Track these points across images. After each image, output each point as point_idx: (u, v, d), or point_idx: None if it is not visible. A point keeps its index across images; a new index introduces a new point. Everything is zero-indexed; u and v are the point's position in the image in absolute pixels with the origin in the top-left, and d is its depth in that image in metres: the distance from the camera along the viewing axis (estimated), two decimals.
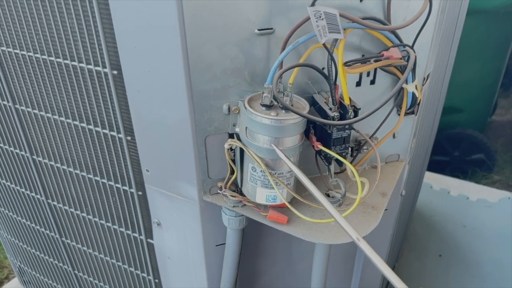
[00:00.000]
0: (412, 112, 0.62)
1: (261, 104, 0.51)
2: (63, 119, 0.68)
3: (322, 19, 0.42)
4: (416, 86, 0.57)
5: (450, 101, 1.49)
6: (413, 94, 0.58)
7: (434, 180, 1.76)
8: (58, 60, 0.62)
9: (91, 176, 0.73)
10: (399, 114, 0.61)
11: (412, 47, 0.52)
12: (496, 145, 2.14)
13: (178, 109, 0.55)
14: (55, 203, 0.84)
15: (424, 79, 0.63)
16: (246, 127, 0.53)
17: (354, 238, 0.34)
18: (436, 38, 0.60)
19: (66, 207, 0.82)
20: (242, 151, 0.55)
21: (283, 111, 0.51)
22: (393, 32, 0.51)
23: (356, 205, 0.49)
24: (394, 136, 0.65)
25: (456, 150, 1.96)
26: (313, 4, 0.43)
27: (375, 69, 0.57)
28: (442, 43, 0.73)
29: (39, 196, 0.85)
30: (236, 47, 0.51)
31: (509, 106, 2.55)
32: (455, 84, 1.40)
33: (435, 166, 1.77)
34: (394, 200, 0.73)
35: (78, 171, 0.74)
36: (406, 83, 0.57)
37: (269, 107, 0.51)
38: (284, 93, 0.51)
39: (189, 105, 0.54)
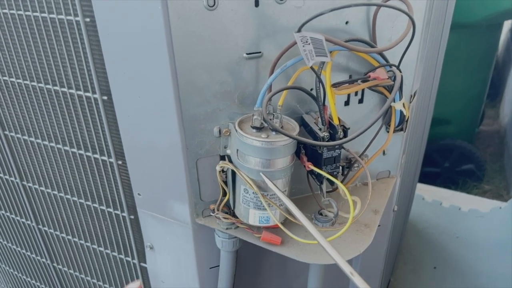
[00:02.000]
0: (401, 129, 0.63)
1: (251, 127, 0.52)
2: (53, 144, 0.68)
3: (309, 44, 0.43)
4: (403, 104, 0.58)
5: (439, 113, 1.52)
6: (401, 112, 0.58)
7: (426, 192, 1.77)
8: (47, 86, 0.62)
9: (82, 201, 0.72)
10: (388, 132, 0.62)
11: (398, 67, 0.53)
12: (485, 155, 2.17)
13: (169, 133, 0.55)
14: (46, 228, 0.82)
15: (411, 96, 0.64)
16: (238, 150, 0.53)
17: (348, 272, 0.34)
18: (421, 56, 0.61)
19: (57, 233, 0.81)
20: (234, 173, 0.55)
21: (274, 133, 0.51)
22: (379, 53, 0.52)
23: (348, 225, 0.49)
24: (384, 153, 0.66)
25: (446, 161, 1.98)
26: (299, 30, 0.44)
27: (363, 89, 0.58)
28: (428, 58, 0.74)
29: (29, 222, 0.84)
30: (226, 71, 0.52)
31: (496, 115, 2.59)
32: (442, 96, 1.43)
33: (426, 177, 1.78)
34: (387, 216, 0.73)
35: (69, 196, 0.73)
36: (394, 102, 0.57)
37: (259, 129, 0.51)
38: (274, 115, 0.52)
39: (180, 129, 0.54)
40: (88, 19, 0.53)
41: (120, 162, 0.63)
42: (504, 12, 1.71)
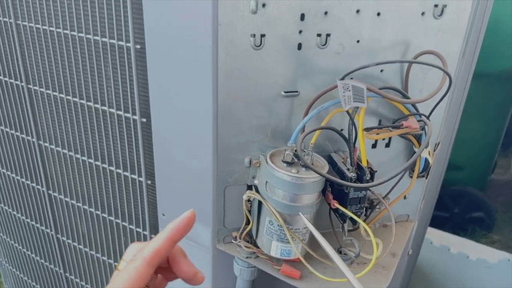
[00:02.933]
0: (423, 176, 0.65)
1: (282, 161, 0.54)
2: (85, 158, 0.71)
3: (349, 91, 0.45)
4: (429, 152, 0.60)
5: (452, 159, 1.53)
6: (426, 159, 0.60)
7: (434, 236, 1.76)
8: (88, 103, 0.65)
9: (105, 215, 0.74)
10: (411, 177, 0.64)
11: (428, 117, 0.55)
12: (495, 204, 2.15)
13: (202, 160, 0.57)
14: (64, 238, 0.84)
15: (436, 145, 0.66)
16: (266, 181, 0.55)
17: None
18: (449, 107, 0.63)
19: (75, 244, 0.83)
20: (259, 203, 0.57)
21: (304, 169, 0.53)
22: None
23: (371, 266, 0.50)
24: (405, 198, 0.67)
25: (457, 207, 1.98)
26: (343, 78, 0.46)
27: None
28: (454, 103, 0.76)
29: (48, 230, 0.86)
30: (263, 106, 0.55)
31: (508, 165, 2.58)
32: (457, 143, 1.44)
33: (435, 221, 1.77)
34: (402, 259, 0.74)
35: (92, 209, 0.75)
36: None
37: (290, 164, 0.54)
38: (305, 152, 0.54)
39: (213, 157, 0.56)
40: (138, 46, 0.56)
41: (149, 182, 0.65)
42: None
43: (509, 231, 2.01)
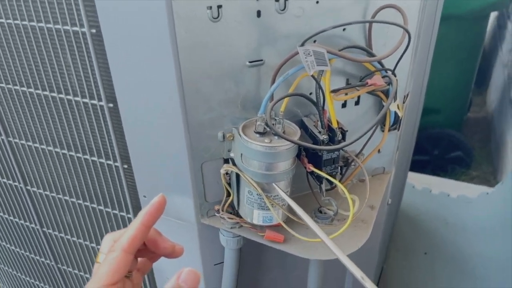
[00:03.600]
0: (395, 128, 0.66)
1: (254, 132, 0.54)
2: (58, 150, 0.70)
3: (311, 56, 0.45)
4: (398, 105, 0.61)
5: (428, 103, 1.55)
6: (395, 113, 0.61)
7: (416, 180, 1.81)
8: (52, 94, 0.63)
9: (87, 203, 0.74)
10: (382, 131, 0.65)
11: (393, 72, 0.55)
12: (472, 142, 2.22)
13: (175, 140, 0.57)
14: (50, 231, 0.84)
15: (405, 97, 0.67)
16: (242, 154, 0.55)
17: (359, 277, 0.37)
18: (414, 58, 0.64)
19: (62, 235, 0.83)
20: (237, 175, 0.57)
21: (276, 137, 0.54)
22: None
23: (348, 223, 0.52)
24: (379, 151, 0.69)
25: (436, 149, 2.03)
26: (303, 44, 0.46)
27: None
28: (420, 56, 0.77)
29: (33, 225, 0.85)
30: (230, 79, 0.54)
31: (483, 103, 2.64)
32: (432, 87, 1.46)
33: (416, 165, 1.83)
34: (381, 210, 0.77)
35: (74, 199, 0.75)
36: None
37: (262, 134, 0.54)
38: (276, 120, 0.54)
39: (186, 136, 0.56)
40: (94, 30, 0.54)
41: (126, 166, 0.65)
42: (491, 4, 1.75)
43: (487, 166, 2.09)
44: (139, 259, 0.44)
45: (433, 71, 1.28)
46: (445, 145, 2.02)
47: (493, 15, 2.34)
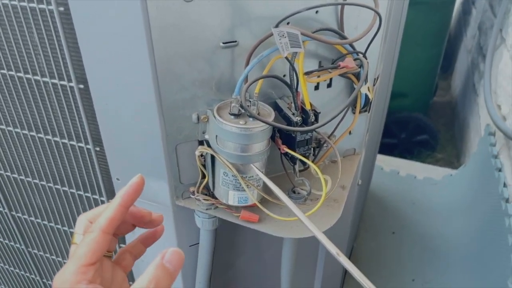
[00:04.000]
0: (365, 111, 0.68)
1: (229, 113, 0.54)
2: (25, 132, 0.68)
3: (285, 37, 0.45)
4: (368, 87, 0.63)
5: (396, 87, 1.59)
6: (366, 95, 0.63)
7: (384, 162, 1.87)
8: (18, 74, 0.61)
9: (58, 186, 0.73)
10: (353, 113, 0.67)
11: (364, 54, 0.57)
12: (438, 125, 2.30)
13: (148, 121, 0.57)
14: (20, 214, 0.82)
15: (375, 79, 0.68)
16: (216, 135, 0.56)
17: (334, 253, 0.38)
18: (384, 42, 0.65)
19: (32, 218, 0.82)
20: (212, 157, 0.58)
21: (251, 119, 0.54)
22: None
23: (321, 202, 0.53)
24: (350, 133, 0.70)
25: (403, 133, 2.09)
26: (277, 26, 0.46)
27: None
28: (390, 39, 0.79)
29: (1, 209, 0.83)
30: (203, 60, 0.54)
31: (448, 87, 2.73)
32: (400, 71, 1.50)
33: (384, 148, 1.88)
34: (352, 190, 0.79)
35: (44, 182, 0.74)
36: None
37: (237, 115, 0.54)
38: (251, 102, 0.54)
39: (159, 116, 0.56)
40: (62, 8, 0.53)
41: (97, 149, 0.64)
42: None
43: (451, 148, 2.17)
44: (132, 243, 0.44)
45: (401, 55, 1.31)
46: (412, 128, 2.09)
47: (458, 1, 2.41)
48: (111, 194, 0.70)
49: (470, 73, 2.16)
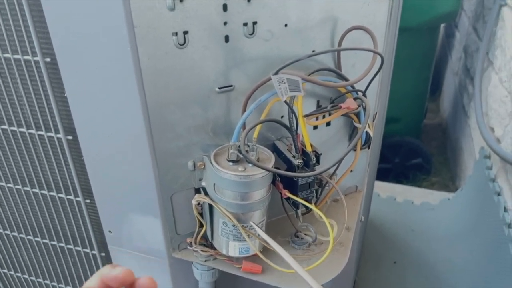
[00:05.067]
0: (366, 147, 0.66)
1: (227, 160, 0.52)
2: (11, 185, 0.64)
3: (284, 83, 0.43)
4: (368, 125, 0.61)
5: (388, 112, 1.60)
6: (367, 132, 0.61)
7: (380, 188, 1.85)
8: (3, 127, 0.58)
9: (46, 241, 0.69)
10: (354, 150, 0.64)
11: (364, 93, 0.55)
12: (430, 148, 2.30)
13: (141, 171, 0.53)
14: (5, 271, 0.77)
15: (374, 115, 0.66)
16: (214, 184, 0.53)
17: None
18: (381, 78, 0.64)
19: (19, 274, 0.77)
20: (210, 206, 0.54)
21: (250, 164, 0.51)
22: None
23: (328, 252, 0.50)
24: (351, 171, 0.68)
25: (397, 157, 2.08)
26: (276, 73, 0.44)
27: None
28: (385, 70, 0.77)
29: None
30: (197, 105, 0.51)
31: (437, 109, 2.75)
32: (391, 96, 1.50)
33: (379, 174, 1.86)
34: (356, 229, 0.76)
35: (31, 237, 0.69)
36: (360, 123, 0.60)
37: (235, 162, 0.52)
38: (249, 147, 0.52)
39: (153, 166, 0.53)
40: (48, 59, 0.50)
41: (88, 201, 0.61)
42: (441, 16, 1.83)
43: (446, 172, 2.16)
44: None
45: (392, 81, 1.31)
46: (405, 152, 2.08)
47: (441, 25, 2.45)
48: (103, 247, 0.66)
49: (459, 95, 2.18)
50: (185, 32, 0.47)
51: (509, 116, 1.28)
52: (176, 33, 0.46)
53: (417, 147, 2.06)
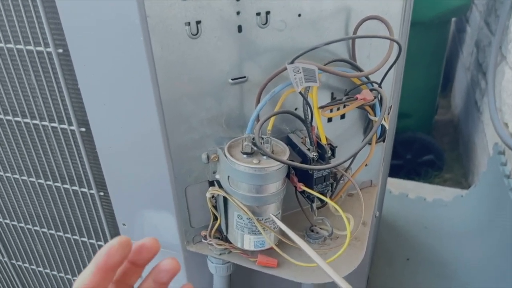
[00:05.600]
0: (381, 141, 0.65)
1: (241, 152, 0.51)
2: (25, 178, 0.64)
3: (300, 73, 0.43)
4: (384, 117, 0.59)
5: (400, 108, 1.58)
6: (383, 125, 0.60)
7: (392, 185, 1.83)
8: (16, 119, 0.58)
9: (60, 233, 0.69)
10: (370, 144, 0.63)
11: (380, 85, 0.54)
12: (442, 144, 2.27)
13: (155, 164, 0.53)
14: (20, 263, 0.78)
15: (389, 108, 0.65)
16: (229, 176, 0.52)
17: None
18: (397, 70, 0.63)
19: (33, 267, 0.77)
20: (225, 199, 0.54)
21: (265, 157, 0.51)
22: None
23: (346, 246, 0.50)
24: (366, 165, 0.67)
25: (408, 153, 2.06)
26: (292, 62, 0.43)
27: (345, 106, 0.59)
28: (400, 62, 0.76)
29: (1, 258, 0.79)
30: (211, 97, 0.51)
31: (448, 105, 2.72)
32: (403, 92, 1.49)
33: (391, 170, 1.84)
34: (371, 224, 0.75)
35: (45, 230, 0.70)
36: (375, 116, 0.59)
37: (250, 154, 0.51)
38: (263, 139, 0.51)
39: (167, 159, 0.52)
40: (60, 50, 0.50)
41: (102, 194, 0.61)
42: (452, 10, 1.80)
43: (458, 168, 2.13)
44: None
45: (404, 76, 1.30)
46: (417, 148, 2.06)
47: (452, 20, 2.42)
48: None
49: (471, 91, 2.15)
50: (198, 22, 0.46)
51: None
52: (189, 23, 0.45)
53: (429, 143, 2.04)
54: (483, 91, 1.87)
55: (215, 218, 0.57)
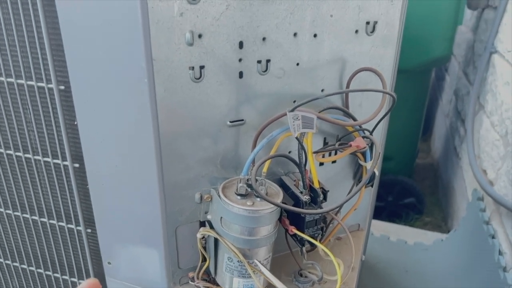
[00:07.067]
0: (370, 186, 0.66)
1: (236, 193, 0.52)
2: (9, 211, 0.63)
3: (299, 120, 0.44)
4: None
5: (383, 151, 1.62)
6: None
7: (374, 227, 1.84)
8: (8, 152, 0.58)
9: (41, 270, 0.67)
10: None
11: (371, 133, 0.56)
12: (423, 188, 2.31)
13: (148, 202, 0.53)
14: None
15: (378, 154, 0.67)
16: (221, 217, 0.52)
17: None
18: (388, 119, 0.65)
19: None
20: (215, 240, 0.54)
21: (258, 199, 0.51)
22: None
23: None
24: (355, 209, 0.68)
25: (390, 196, 2.09)
26: (293, 110, 0.45)
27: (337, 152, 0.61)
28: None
29: None
30: (209, 138, 0.52)
31: (428, 149, 2.79)
32: (387, 136, 1.53)
33: (373, 212, 1.87)
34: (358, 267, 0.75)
35: (25, 266, 0.67)
36: (365, 161, 0.61)
37: (244, 196, 0.51)
38: (258, 181, 0.52)
39: (160, 197, 0.52)
40: (62, 87, 0.51)
41: (89, 230, 0.60)
42: (434, 60, 1.90)
43: (438, 212, 2.17)
44: None
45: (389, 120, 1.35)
46: (399, 191, 2.09)
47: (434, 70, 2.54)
48: (100, 279, 0.63)
49: (450, 137, 2.23)
50: (202, 67, 0.48)
51: (502, 160, 1.30)
52: (193, 67, 0.47)
53: (411, 187, 2.08)
54: (462, 137, 1.94)
55: (204, 260, 0.57)
